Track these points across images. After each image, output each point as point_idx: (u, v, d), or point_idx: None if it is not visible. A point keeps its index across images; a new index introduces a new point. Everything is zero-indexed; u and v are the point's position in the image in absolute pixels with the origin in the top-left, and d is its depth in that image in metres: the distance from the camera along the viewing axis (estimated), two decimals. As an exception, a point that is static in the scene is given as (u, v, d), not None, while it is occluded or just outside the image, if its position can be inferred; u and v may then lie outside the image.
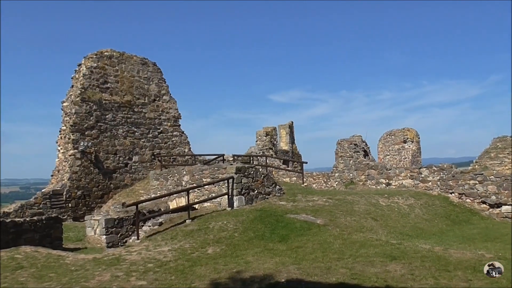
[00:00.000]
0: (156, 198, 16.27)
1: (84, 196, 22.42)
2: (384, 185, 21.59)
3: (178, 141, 27.65)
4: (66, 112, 23.21)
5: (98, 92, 23.74)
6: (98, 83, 23.83)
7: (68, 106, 23.27)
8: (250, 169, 16.97)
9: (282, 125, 35.74)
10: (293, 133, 36.57)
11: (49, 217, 13.86)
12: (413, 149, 37.46)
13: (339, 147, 24.22)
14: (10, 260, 10.78)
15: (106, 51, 24.76)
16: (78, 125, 22.61)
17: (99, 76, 23.96)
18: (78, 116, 22.62)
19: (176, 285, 8.35)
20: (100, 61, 24.21)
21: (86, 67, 23.71)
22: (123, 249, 12.02)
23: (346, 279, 8.26)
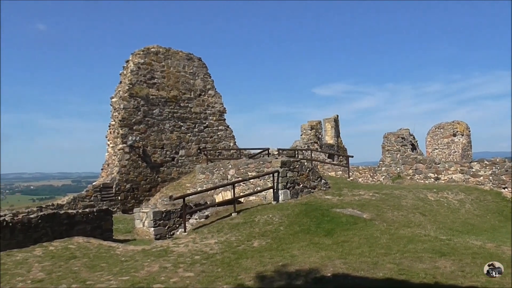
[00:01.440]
0: (202, 191, 16.47)
1: (133, 189, 22.99)
2: (433, 180, 21.04)
3: (223, 135, 27.90)
4: (115, 108, 23.82)
5: (146, 87, 24.24)
6: (145, 78, 24.33)
7: (116, 101, 23.87)
8: (295, 163, 16.90)
9: (327, 118, 35.41)
10: (338, 127, 36.18)
11: (100, 209, 14.30)
12: (463, 143, 36.29)
13: (385, 141, 23.76)
14: (64, 250, 11.21)
15: (152, 47, 25.23)
16: (127, 120, 23.17)
17: (146, 72, 24.45)
18: (126, 111, 23.18)
19: (223, 277, 8.42)
20: (147, 57, 24.69)
21: (134, 64, 24.25)
22: (170, 241, 12.24)
23: (394, 274, 8.10)
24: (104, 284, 8.26)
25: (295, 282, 8.00)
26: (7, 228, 11.48)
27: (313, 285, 7.80)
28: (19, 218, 12.03)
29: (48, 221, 12.52)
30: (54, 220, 12.70)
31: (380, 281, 7.78)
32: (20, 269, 9.55)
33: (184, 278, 8.47)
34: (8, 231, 11.49)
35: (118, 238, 14.11)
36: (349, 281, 7.84)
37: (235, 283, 8.03)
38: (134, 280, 8.35)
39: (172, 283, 8.15)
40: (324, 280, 8.03)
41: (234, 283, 8.03)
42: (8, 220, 11.69)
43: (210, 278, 8.43)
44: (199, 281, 8.24)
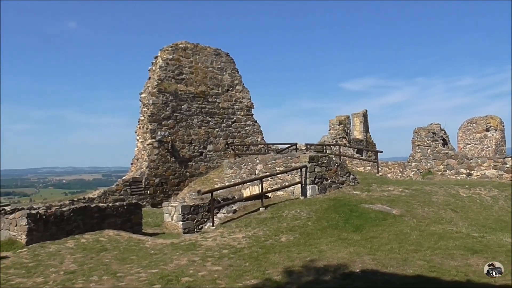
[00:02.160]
0: (230, 186, 16.54)
1: (162, 184, 23.27)
2: (465, 176, 20.63)
3: (251, 130, 27.95)
4: (144, 103, 24.12)
5: (174, 83, 24.45)
6: (173, 74, 24.54)
7: (145, 97, 24.16)
8: (323, 158, 16.81)
9: (355, 113, 35.08)
10: (367, 122, 35.80)
11: (130, 203, 14.51)
12: (496, 138, 35.42)
13: (416, 136, 23.39)
14: (95, 243, 11.42)
15: (181, 43, 25.42)
16: (156, 115, 23.43)
17: (174, 67, 24.66)
18: (155, 106, 23.44)
19: (250, 272, 8.44)
20: (175, 53, 24.89)
21: (162, 59, 24.48)
22: (198, 235, 12.34)
23: (424, 271, 7.98)
24: (134, 276, 8.38)
25: (323, 278, 7.97)
26: (41, 221, 11.77)
27: (342, 281, 7.75)
28: (52, 211, 12.32)
29: (80, 214, 12.78)
30: (86, 213, 12.95)
31: (410, 277, 7.68)
32: (53, 261, 9.78)
33: (212, 272, 8.53)
34: (42, 223, 11.78)
35: (147, 232, 14.30)
36: (378, 278, 7.77)
37: (262, 277, 8.05)
38: (163, 273, 8.45)
39: (200, 277, 8.22)
40: (353, 276, 7.97)
41: (261, 277, 8.05)
42: (42, 212, 11.99)
43: (238, 272, 8.47)
44: (227, 275, 8.29)
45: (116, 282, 8.05)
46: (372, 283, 7.46)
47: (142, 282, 7.93)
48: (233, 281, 7.86)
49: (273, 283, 7.70)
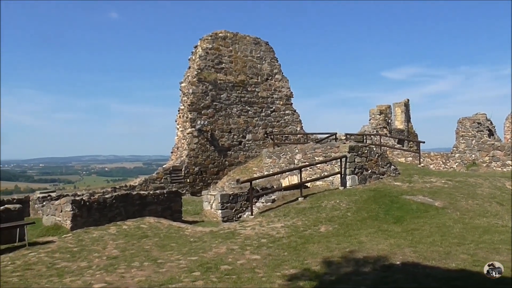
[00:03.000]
0: (269, 175, 16.54)
1: (201, 172, 23.49)
2: (511, 167, 19.93)
3: (290, 119, 27.80)
4: (184, 93, 24.33)
5: (214, 72, 24.54)
6: (213, 63, 24.62)
7: (185, 86, 24.36)
8: (363, 148, 16.57)
9: (397, 103, 34.36)
10: (408, 112, 35.02)
11: (170, 191, 14.73)
12: (546, 129, 34.00)
13: (460, 126, 22.73)
14: (136, 229, 11.66)
15: (220, 33, 25.45)
16: (195, 104, 23.61)
17: (214, 57, 24.73)
18: (195, 96, 23.60)
19: (289, 261, 8.42)
20: (215, 43, 24.95)
21: (202, 49, 24.59)
22: (237, 224, 12.40)
23: (467, 265, 7.76)
24: (174, 263, 8.51)
25: (363, 269, 7.87)
26: (85, 207, 12.11)
27: (382, 273, 7.63)
28: (96, 198, 12.65)
29: (122, 201, 13.07)
30: (127, 200, 13.24)
31: (453, 271, 7.49)
32: (97, 246, 10.04)
33: (251, 261, 8.56)
34: (86, 209, 12.12)
35: (187, 219, 14.49)
36: (420, 270, 7.61)
37: (301, 267, 8.02)
38: (203, 261, 8.54)
39: (239, 265, 8.26)
40: (393, 268, 7.84)
41: (300, 267, 8.02)
42: (85, 199, 12.33)
43: (276, 261, 8.46)
44: (266, 264, 8.29)
45: (156, 268, 8.19)
46: (413, 276, 7.31)
47: (182, 269, 8.03)
48: (271, 270, 7.86)
49: (312, 273, 7.66)
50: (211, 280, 7.38)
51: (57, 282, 7.53)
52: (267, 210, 13.77)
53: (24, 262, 8.88)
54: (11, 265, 8.69)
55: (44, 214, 13.09)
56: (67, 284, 7.40)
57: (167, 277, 7.58)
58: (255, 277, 7.52)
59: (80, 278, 7.71)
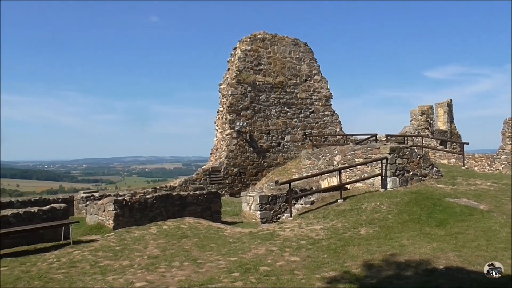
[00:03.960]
0: (308, 177, 16.43)
1: (240, 173, 23.59)
2: (561, 170, 19.13)
3: (329, 120, 27.57)
4: (223, 94, 24.51)
5: (252, 74, 24.61)
6: (252, 65, 24.70)
7: (224, 88, 24.54)
8: (405, 150, 16.25)
9: (439, 103, 33.55)
10: (451, 112, 34.14)
11: (210, 192, 14.85)
12: None
13: (506, 127, 21.96)
14: (176, 229, 11.81)
15: (259, 34, 25.51)
16: (234, 106, 23.74)
17: (253, 58, 24.81)
18: (234, 97, 23.74)
19: (329, 264, 8.34)
20: (254, 44, 25.02)
21: (241, 50, 24.71)
22: (276, 225, 12.38)
23: (515, 271, 7.49)
24: (214, 263, 8.57)
25: (405, 273, 7.71)
26: (127, 207, 12.36)
27: (424, 277, 7.47)
28: (137, 198, 12.90)
29: (162, 201, 13.27)
30: (168, 201, 13.43)
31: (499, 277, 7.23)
32: (138, 245, 10.23)
33: (290, 262, 8.53)
34: (128, 209, 12.37)
35: (226, 220, 14.58)
36: (464, 276, 7.39)
37: (341, 270, 7.93)
38: (242, 262, 8.56)
39: (278, 267, 8.24)
40: (436, 272, 7.65)
41: (340, 270, 7.93)
42: (127, 199, 12.58)
43: (316, 263, 8.40)
44: (305, 266, 8.24)
45: (196, 268, 8.27)
46: (457, 281, 7.11)
47: (222, 270, 8.08)
48: (311, 272, 7.80)
49: (352, 276, 7.56)
50: (250, 281, 7.39)
51: (100, 280, 7.70)
52: (306, 212, 13.68)
53: (69, 260, 9.13)
54: (56, 263, 8.95)
55: (88, 214, 13.44)
56: (110, 282, 7.56)
57: (207, 277, 7.64)
58: (294, 278, 7.48)
59: (122, 276, 7.87)
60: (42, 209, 11.41)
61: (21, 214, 10.93)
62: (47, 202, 15.21)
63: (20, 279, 7.78)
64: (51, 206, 11.71)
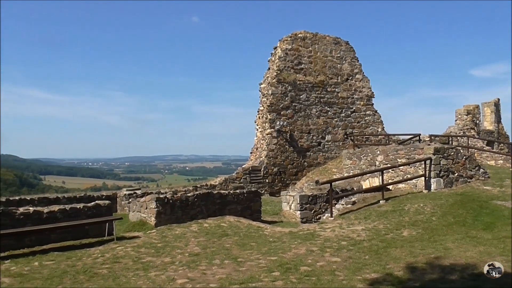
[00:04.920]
0: (349, 177, 16.25)
1: (280, 173, 23.57)
2: None
3: (371, 120, 27.18)
4: (264, 93, 24.54)
5: (293, 73, 24.54)
6: (292, 64, 24.64)
7: (265, 87, 24.56)
8: (449, 150, 15.83)
9: (486, 102, 32.56)
10: (499, 112, 33.06)
11: (250, 191, 14.89)
12: None
13: (557, 127, 21.10)
14: (217, 228, 11.89)
15: (300, 33, 25.42)
16: (275, 105, 23.73)
17: (293, 57, 24.74)
18: (274, 97, 23.73)
19: (370, 265, 8.20)
20: (294, 43, 24.95)
21: (282, 50, 24.68)
22: (317, 225, 12.29)
23: None
24: (254, 262, 8.57)
25: (449, 277, 7.49)
26: (168, 205, 12.53)
27: (470, 281, 7.23)
28: (178, 196, 13.07)
29: (203, 200, 13.39)
30: (208, 199, 13.55)
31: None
32: (179, 243, 10.36)
33: (331, 263, 8.43)
34: (169, 207, 12.54)
35: (265, 219, 14.58)
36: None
37: (383, 272, 7.78)
38: (282, 261, 8.53)
39: (318, 267, 8.16)
40: (483, 277, 7.38)
41: (382, 271, 7.78)
42: (169, 197, 12.77)
43: (357, 264, 8.28)
44: (346, 267, 8.13)
45: (237, 266, 8.29)
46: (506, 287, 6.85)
47: (262, 269, 8.07)
48: (352, 274, 7.69)
49: (395, 279, 7.41)
50: (291, 281, 7.35)
51: (142, 275, 7.83)
52: (347, 212, 13.53)
53: (113, 255, 9.33)
54: (100, 258, 9.16)
55: (131, 211, 13.72)
56: (152, 278, 7.67)
57: (247, 276, 7.64)
58: (335, 279, 7.39)
59: (164, 273, 7.97)
60: (87, 206, 11.71)
61: (67, 210, 11.25)
62: (91, 199, 15.64)
63: (67, 273, 8.00)
64: (96, 203, 12.00)
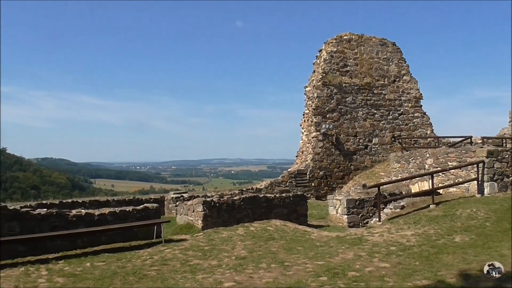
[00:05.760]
0: (397, 180, 15.92)
1: (326, 176, 23.36)
2: None
3: (420, 122, 26.52)
4: (309, 97, 24.42)
5: (338, 75, 24.31)
6: (338, 67, 24.42)
7: (310, 90, 24.43)
8: (504, 153, 15.23)
9: (542, 103, 31.18)
10: (558, 112, 31.58)
11: (296, 195, 14.80)
12: None
13: None
14: (263, 231, 11.88)
15: (345, 35, 25.18)
16: (320, 108, 23.57)
17: (339, 60, 24.51)
18: (319, 99, 23.58)
19: (421, 271, 7.97)
20: (340, 45, 24.73)
21: (327, 52, 24.51)
22: (364, 230, 12.08)
23: None
24: (301, 266, 8.49)
25: (506, 285, 7.17)
26: (215, 208, 12.63)
27: (528, 290, 6.90)
28: (225, 200, 13.14)
29: (249, 203, 13.41)
30: (254, 202, 13.55)
31: None
32: (226, 246, 10.40)
33: (380, 269, 8.25)
34: (216, 210, 12.63)
35: (312, 223, 14.46)
36: None
37: (434, 278, 7.54)
38: (329, 266, 8.41)
39: (367, 272, 8.00)
40: (544, 287, 7.04)
41: (433, 278, 7.55)
42: (215, 200, 12.86)
43: (407, 270, 8.06)
44: (395, 273, 7.94)
45: (283, 270, 8.24)
46: None
47: (309, 273, 7.99)
48: (402, 280, 7.50)
49: (447, 286, 7.17)
50: (339, 286, 7.24)
51: (190, 278, 7.91)
52: (395, 217, 13.23)
53: (161, 258, 9.47)
54: (149, 260, 9.32)
55: (178, 214, 13.90)
56: (199, 281, 7.73)
57: (294, 280, 7.58)
58: (384, 285, 7.23)
59: (211, 276, 8.02)
60: (136, 209, 11.95)
61: (117, 212, 11.51)
62: (140, 202, 15.97)
63: (117, 274, 8.18)
64: (145, 206, 12.23)
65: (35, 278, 7.99)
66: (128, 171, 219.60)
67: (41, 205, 14.77)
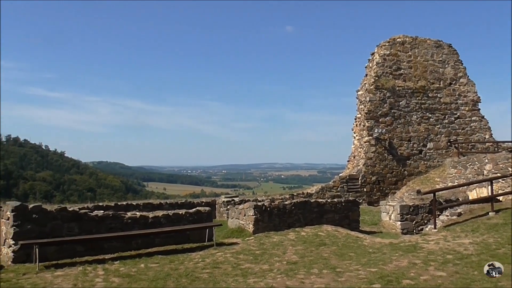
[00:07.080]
0: (454, 187, 15.42)
1: (379, 182, 22.93)
2: None
3: (477, 126, 25.57)
4: (361, 101, 24.09)
5: (391, 79, 23.86)
6: (391, 70, 23.97)
7: (362, 94, 24.10)
8: None
9: None
10: None
11: (348, 200, 14.61)
12: None
13: None
14: (314, 236, 11.78)
15: (398, 38, 24.70)
16: (372, 112, 23.19)
17: (392, 63, 24.06)
18: (372, 103, 23.21)
19: (480, 281, 7.65)
20: (393, 48, 24.27)
21: (379, 55, 24.12)
22: (419, 237, 11.74)
23: None
24: (353, 273, 8.35)
25: None
26: (266, 212, 12.65)
27: None
28: (276, 204, 13.15)
29: (300, 208, 13.36)
30: (306, 207, 13.49)
31: None
32: (277, 250, 10.39)
33: (436, 277, 7.99)
34: (267, 214, 12.66)
35: (364, 229, 14.22)
36: None
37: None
38: (383, 273, 8.23)
39: (422, 281, 7.77)
40: None
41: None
42: (266, 205, 12.89)
43: (465, 280, 7.76)
44: (452, 282, 7.66)
45: (335, 277, 8.13)
46: None
47: (361, 280, 7.84)
48: (459, 290, 7.24)
49: (508, 297, 6.86)
50: (393, 294, 7.07)
51: (241, 282, 7.94)
52: (452, 224, 12.78)
53: (213, 261, 9.57)
54: (201, 263, 9.44)
55: (229, 217, 14.02)
56: (251, 284, 7.75)
57: (346, 287, 7.47)
58: (441, 295, 7.00)
59: (262, 280, 8.02)
60: (189, 212, 12.14)
61: (171, 215, 11.73)
62: (192, 205, 16.21)
63: (170, 276, 8.33)
64: (197, 209, 12.40)
65: (92, 277, 8.27)
66: (179, 175, 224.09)
67: (97, 207, 15.26)
